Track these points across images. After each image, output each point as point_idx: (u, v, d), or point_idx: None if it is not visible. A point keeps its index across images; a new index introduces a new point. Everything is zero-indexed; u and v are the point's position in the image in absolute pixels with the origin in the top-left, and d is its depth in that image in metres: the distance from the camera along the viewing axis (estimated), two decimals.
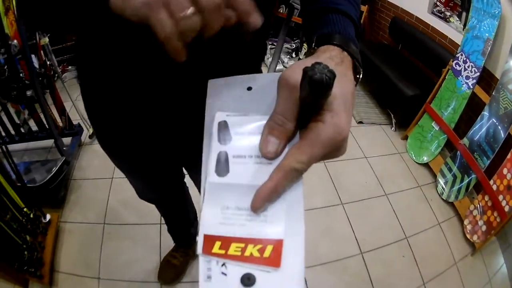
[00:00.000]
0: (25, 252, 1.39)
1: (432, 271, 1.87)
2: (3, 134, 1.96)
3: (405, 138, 2.83)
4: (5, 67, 1.84)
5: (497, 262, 2.03)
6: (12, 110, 2.06)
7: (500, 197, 1.97)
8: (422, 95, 2.66)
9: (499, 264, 2.01)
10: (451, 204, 2.32)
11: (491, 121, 2.16)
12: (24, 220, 1.46)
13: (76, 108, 2.31)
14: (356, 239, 1.95)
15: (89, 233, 1.73)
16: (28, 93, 1.95)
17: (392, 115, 2.96)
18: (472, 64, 2.30)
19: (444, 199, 2.36)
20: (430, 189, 2.45)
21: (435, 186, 2.45)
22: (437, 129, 2.57)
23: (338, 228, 1.97)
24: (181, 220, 1.41)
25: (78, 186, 1.98)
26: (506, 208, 1.92)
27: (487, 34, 2.20)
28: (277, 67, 2.84)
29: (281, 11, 3.97)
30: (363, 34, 3.62)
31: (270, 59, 3.07)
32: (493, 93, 2.14)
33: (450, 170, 2.38)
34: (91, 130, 2.29)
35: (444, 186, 2.39)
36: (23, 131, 2.12)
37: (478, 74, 2.27)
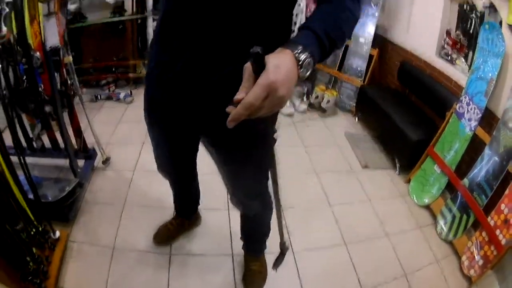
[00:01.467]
0: (31, 263, 1.62)
1: None
2: (13, 145, 2.14)
3: (408, 181, 3.39)
4: (24, 77, 2.17)
5: None
6: (26, 122, 2.37)
7: (497, 232, 2.46)
8: (427, 140, 3.28)
9: None
10: (450, 243, 2.80)
11: (491, 160, 2.72)
12: (33, 232, 1.72)
13: (92, 131, 2.72)
14: (357, 276, 2.31)
15: (98, 255, 2.02)
16: (47, 109, 2.30)
17: (396, 160, 3.54)
18: (475, 106, 2.95)
19: (443, 238, 2.84)
20: (429, 230, 2.93)
21: (434, 226, 2.95)
22: (438, 172, 3.14)
23: (339, 266, 2.37)
24: (186, 196, 2.01)
25: (89, 208, 2.34)
26: (503, 241, 2.39)
27: (490, 74, 2.87)
28: (288, 110, 3.40)
29: None
30: (373, 77, 4.40)
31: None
32: (494, 133, 2.75)
33: (450, 211, 2.90)
34: (105, 156, 2.70)
35: (443, 226, 2.88)
36: (35, 146, 2.45)
37: (480, 115, 2.90)
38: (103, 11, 4.08)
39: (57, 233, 1.95)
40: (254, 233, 1.99)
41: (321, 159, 3.49)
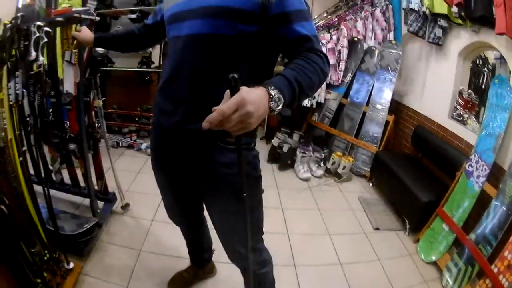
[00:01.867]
0: (40, 285, 1.72)
1: None
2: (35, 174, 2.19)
3: (417, 241, 3.46)
4: (50, 110, 2.34)
5: None
6: (47, 153, 2.54)
7: (501, 277, 2.50)
8: (437, 201, 3.41)
9: None
10: None
11: (497, 213, 2.82)
12: (46, 257, 1.82)
13: (115, 176, 2.95)
14: None
15: None
16: (71, 146, 2.48)
17: (406, 221, 3.65)
18: (483, 163, 3.12)
19: None
20: (435, 284, 2.96)
21: (440, 280, 2.97)
22: (447, 229, 3.23)
23: None
24: (196, 243, 2.16)
25: (104, 248, 2.49)
26: (506, 285, 2.44)
27: (498, 130, 3.07)
28: (305, 175, 4.21)
29: (314, 119, 5.01)
30: (388, 142, 4.67)
31: (300, 167, 3.91)
32: (500, 186, 2.88)
33: (456, 264, 2.94)
34: (124, 202, 2.91)
35: (449, 279, 2.90)
36: (54, 178, 2.64)
37: (488, 171, 3.06)
38: (131, 59, 4.47)
39: (71, 264, 2.06)
40: None
41: (334, 221, 3.64)
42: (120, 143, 4.27)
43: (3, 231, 1.64)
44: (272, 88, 1.00)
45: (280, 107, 1.02)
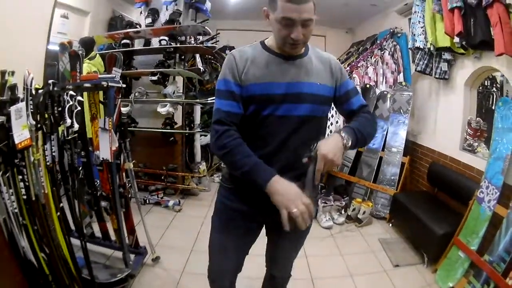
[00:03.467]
0: None
1: None
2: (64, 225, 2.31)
3: (435, 271, 3.54)
4: (80, 168, 2.44)
5: None
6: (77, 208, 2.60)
7: None
8: (452, 232, 3.53)
9: None
10: None
11: (508, 229, 2.92)
12: None
13: (145, 230, 3.17)
14: None
15: None
16: (103, 204, 2.62)
17: (424, 255, 3.75)
18: (493, 187, 3.28)
19: None
20: None
21: None
22: (463, 256, 3.32)
23: None
24: None
25: None
26: None
27: (505, 152, 3.23)
28: (327, 224, 4.55)
29: (334, 169, 5.21)
30: (405, 183, 4.82)
31: (322, 216, 4.09)
32: (510, 205, 3.00)
33: (472, 286, 3.01)
34: (155, 255, 3.12)
35: None
36: (85, 231, 2.69)
37: (498, 193, 3.20)
38: (154, 119, 4.78)
39: None
40: None
41: (356, 264, 3.76)
42: (147, 200, 4.50)
43: (41, 274, 1.86)
44: (343, 132, 1.54)
45: (350, 144, 1.54)
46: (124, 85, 2.65)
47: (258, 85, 1.61)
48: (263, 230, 1.98)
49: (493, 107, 3.46)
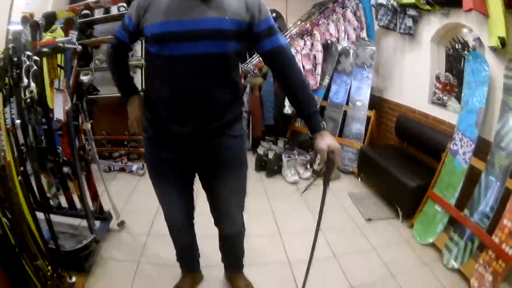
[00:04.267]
0: None
1: None
2: (32, 199, 2.25)
3: (411, 226, 3.30)
4: (43, 137, 2.37)
5: None
6: (44, 180, 2.54)
7: (503, 246, 2.35)
8: (426, 185, 3.28)
9: None
10: (458, 270, 2.66)
11: (489, 184, 2.69)
12: (49, 273, 1.84)
13: (108, 196, 2.98)
14: None
15: None
16: (65, 170, 2.50)
17: (398, 209, 3.50)
18: (468, 139, 3.01)
19: (450, 268, 2.69)
20: (436, 264, 2.80)
21: (440, 260, 2.81)
22: (440, 210, 3.07)
23: None
24: (191, 248, 2.19)
25: (104, 263, 2.50)
26: (510, 252, 2.28)
27: (478, 104, 2.97)
28: (293, 179, 4.24)
29: (297, 125, 4.91)
30: (372, 137, 4.58)
31: (287, 171, 3.81)
32: (488, 158, 2.76)
33: (454, 242, 2.78)
34: (120, 219, 2.94)
35: (449, 257, 2.73)
36: (52, 203, 2.66)
37: (473, 146, 2.94)
38: (114, 86, 4.30)
39: (73, 278, 2.06)
40: (236, 253, 2.24)
41: (325, 218, 3.35)
42: (112, 167, 4.22)
43: (6, 243, 1.72)
44: (322, 124, 1.60)
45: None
46: (80, 47, 2.55)
47: (158, 24, 1.52)
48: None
49: (463, 69, 3.29)
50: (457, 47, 3.32)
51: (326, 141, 1.55)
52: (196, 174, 1.86)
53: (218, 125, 1.63)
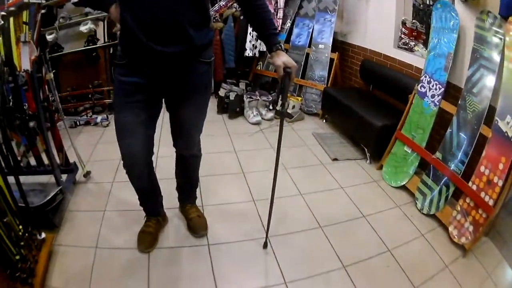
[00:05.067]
0: (19, 263, 1.63)
1: (422, 276, 2.06)
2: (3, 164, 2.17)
3: (380, 167, 3.19)
4: (10, 96, 2.23)
5: (494, 258, 2.24)
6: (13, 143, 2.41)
7: (482, 194, 2.26)
8: (392, 125, 3.14)
9: (496, 260, 2.22)
10: (433, 216, 2.57)
11: (461, 128, 2.58)
12: (20, 232, 1.73)
13: (73, 147, 2.80)
14: (337, 255, 2.17)
15: (82, 255, 2.04)
16: (31, 124, 2.33)
17: (366, 149, 3.37)
18: (436, 82, 2.84)
19: (425, 213, 2.60)
20: (409, 208, 2.71)
21: (414, 204, 2.73)
22: (409, 151, 2.97)
23: (317, 247, 2.25)
24: (154, 190, 2.09)
25: (73, 216, 2.37)
26: (491, 202, 2.19)
27: (447, 49, 2.80)
28: (255, 119, 3.89)
29: (259, 68, 4.63)
30: (336, 80, 4.38)
31: (249, 112, 3.54)
32: (459, 102, 2.62)
33: (426, 185, 2.69)
34: (85, 170, 2.80)
35: (423, 202, 2.65)
36: (22, 165, 2.51)
37: (442, 89, 2.79)
38: (78, 41, 4.14)
39: (43, 234, 1.97)
40: (191, 179, 2.22)
41: (289, 157, 3.29)
42: (78, 122, 3.96)
43: None
44: (278, 45, 1.65)
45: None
46: (44, 1, 2.69)
47: None
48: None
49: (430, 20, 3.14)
50: (428, 2, 3.16)
51: (281, 58, 1.58)
52: (163, 105, 1.85)
53: (192, 48, 1.59)
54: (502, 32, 2.36)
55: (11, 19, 2.39)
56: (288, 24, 4.58)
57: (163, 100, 1.81)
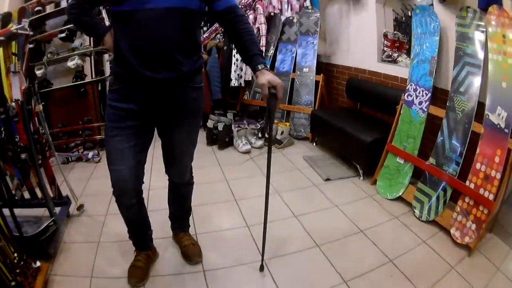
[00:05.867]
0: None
1: (429, 281, 1.94)
2: None
3: (374, 182, 3.04)
4: (2, 128, 2.21)
5: (501, 252, 2.12)
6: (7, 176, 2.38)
7: (481, 191, 2.13)
8: (382, 139, 3.04)
9: (504, 253, 2.10)
10: (433, 222, 2.42)
11: (452, 130, 2.48)
12: (16, 260, 1.73)
13: (66, 180, 2.76)
14: (337, 271, 2.05)
15: (77, 286, 1.99)
16: (23, 156, 2.30)
17: (358, 166, 3.24)
18: (423, 88, 2.77)
19: (424, 220, 2.45)
20: (407, 217, 2.57)
21: (412, 213, 2.58)
22: (402, 162, 2.85)
23: (316, 266, 2.14)
24: (142, 222, 2.01)
25: (67, 248, 2.31)
26: (491, 197, 2.07)
27: (429, 53, 2.76)
28: (245, 148, 3.82)
29: (246, 98, 4.59)
30: (322, 102, 4.31)
31: (238, 141, 3.46)
32: (448, 103, 2.53)
33: (423, 192, 2.55)
34: (78, 203, 2.76)
35: (421, 209, 2.51)
36: (16, 198, 2.49)
37: (429, 95, 2.72)
38: (66, 77, 4.12)
39: (38, 263, 1.93)
40: (183, 207, 2.18)
41: (281, 181, 3.17)
42: (70, 158, 3.90)
43: None
44: (264, 64, 1.56)
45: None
46: (32, 32, 2.62)
47: None
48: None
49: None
50: (409, 14, 3.17)
51: (266, 77, 1.52)
52: (155, 133, 1.84)
53: (181, 74, 1.60)
54: (483, 25, 2.34)
55: (0, 50, 2.42)
56: (272, 51, 4.58)
57: (155, 128, 1.80)
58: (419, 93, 2.79)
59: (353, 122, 3.41)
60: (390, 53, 3.31)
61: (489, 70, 2.23)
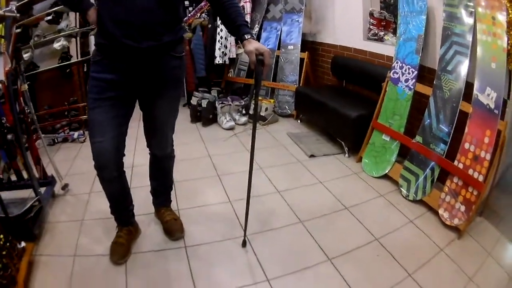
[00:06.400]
0: (0, 271, 1.60)
1: (415, 262, 1.91)
2: None
3: (360, 160, 3.00)
4: None
5: (492, 236, 2.10)
6: None
7: (470, 171, 2.10)
8: (368, 115, 2.98)
9: (495, 238, 2.08)
10: (421, 202, 2.39)
11: (439, 108, 2.43)
12: (1, 242, 1.70)
13: (51, 161, 2.72)
14: (321, 248, 2.02)
15: (62, 265, 1.95)
16: (9, 137, 2.25)
17: (343, 143, 3.19)
18: (409, 66, 2.71)
19: (411, 199, 2.42)
20: (394, 196, 2.53)
21: (399, 191, 2.55)
22: (388, 140, 2.81)
23: (299, 242, 2.10)
24: (124, 197, 1.98)
25: (52, 228, 2.27)
26: (480, 178, 2.04)
27: (416, 32, 2.69)
28: (229, 124, 3.69)
29: (230, 75, 4.45)
30: (307, 80, 4.22)
31: (222, 118, 3.38)
32: (435, 82, 2.48)
33: (410, 171, 2.52)
34: (63, 182, 2.73)
35: (408, 188, 2.48)
36: (4, 181, 2.46)
37: (416, 72, 2.66)
38: (53, 59, 4.06)
39: (23, 243, 1.93)
40: (165, 181, 2.16)
41: (265, 157, 3.11)
42: (56, 139, 3.84)
43: None
44: (248, 34, 1.58)
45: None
46: (18, 15, 2.47)
47: None
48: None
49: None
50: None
51: (253, 45, 1.53)
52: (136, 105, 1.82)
53: (164, 43, 1.60)
54: (472, 5, 2.27)
55: None
56: (256, 29, 4.43)
57: (137, 100, 1.79)
58: (405, 70, 2.73)
59: (338, 99, 3.34)
60: (376, 31, 3.22)
61: (478, 50, 2.17)
